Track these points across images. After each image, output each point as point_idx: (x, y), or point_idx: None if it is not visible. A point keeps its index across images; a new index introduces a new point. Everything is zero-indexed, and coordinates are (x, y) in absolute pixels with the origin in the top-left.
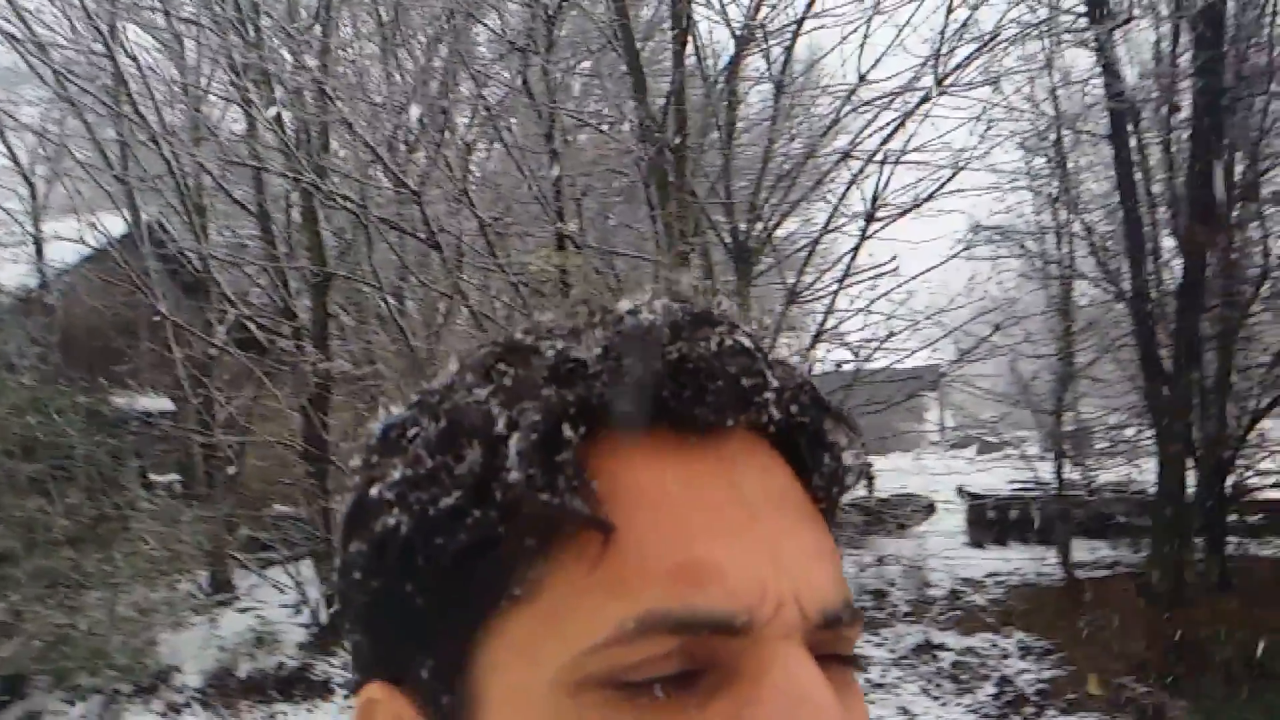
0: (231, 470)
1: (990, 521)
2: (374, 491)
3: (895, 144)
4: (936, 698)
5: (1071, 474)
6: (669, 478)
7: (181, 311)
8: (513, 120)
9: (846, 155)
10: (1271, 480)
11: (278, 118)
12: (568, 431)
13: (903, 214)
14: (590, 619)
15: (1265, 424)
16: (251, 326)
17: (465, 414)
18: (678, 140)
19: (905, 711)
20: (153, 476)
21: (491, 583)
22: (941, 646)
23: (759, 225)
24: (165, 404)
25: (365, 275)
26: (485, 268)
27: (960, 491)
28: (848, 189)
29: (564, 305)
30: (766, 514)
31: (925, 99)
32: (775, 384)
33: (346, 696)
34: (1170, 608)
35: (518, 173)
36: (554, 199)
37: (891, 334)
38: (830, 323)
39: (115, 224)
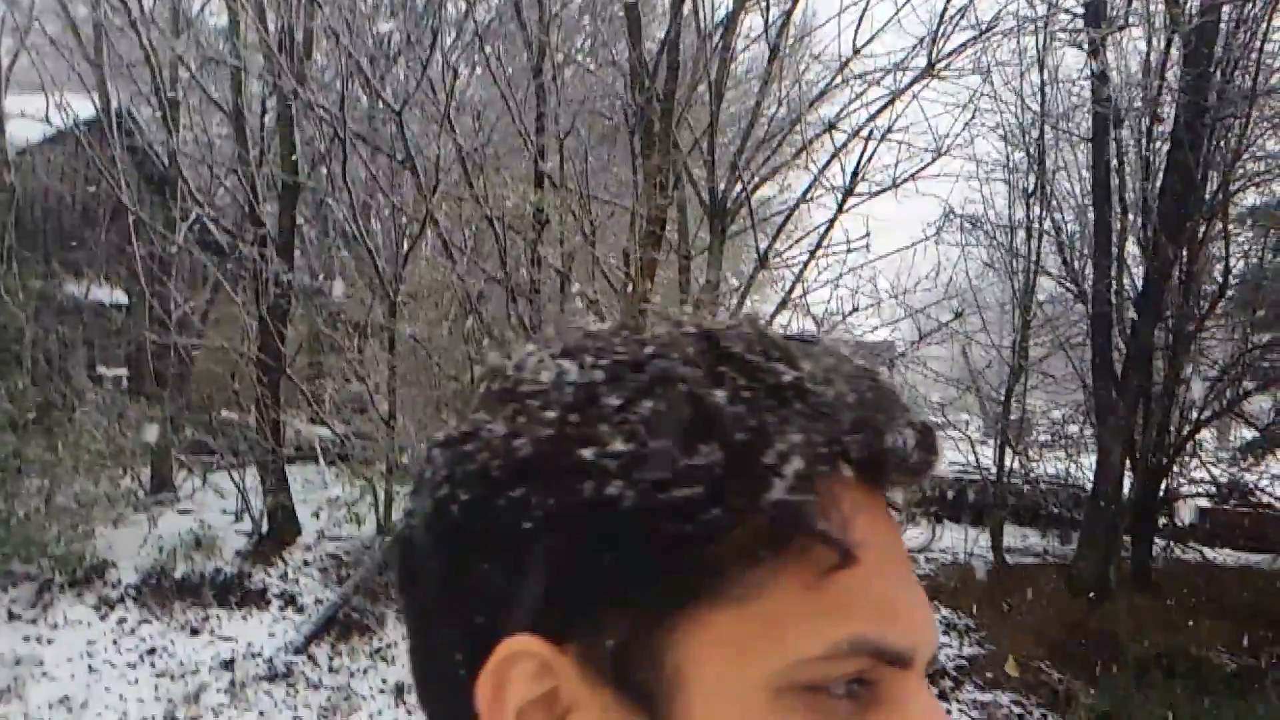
0: (180, 371)
1: (926, 500)
2: (587, 453)
3: (881, 121)
4: None
5: (1012, 462)
6: (875, 524)
7: (144, 205)
8: (501, 47)
9: (832, 126)
10: (1202, 488)
11: (261, 16)
12: (846, 471)
13: (881, 192)
14: (809, 634)
15: (1202, 434)
16: (214, 228)
17: (709, 409)
18: (667, 90)
19: None
20: (101, 369)
21: (707, 576)
22: None
23: (738, 186)
24: (119, 297)
25: (336, 190)
26: (460, 196)
27: None
28: (830, 160)
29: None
30: (909, 564)
31: (916, 80)
32: (935, 456)
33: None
34: (1092, 600)
35: (502, 103)
36: (536, 135)
37: (855, 309)
38: (797, 291)
39: (83, 107)
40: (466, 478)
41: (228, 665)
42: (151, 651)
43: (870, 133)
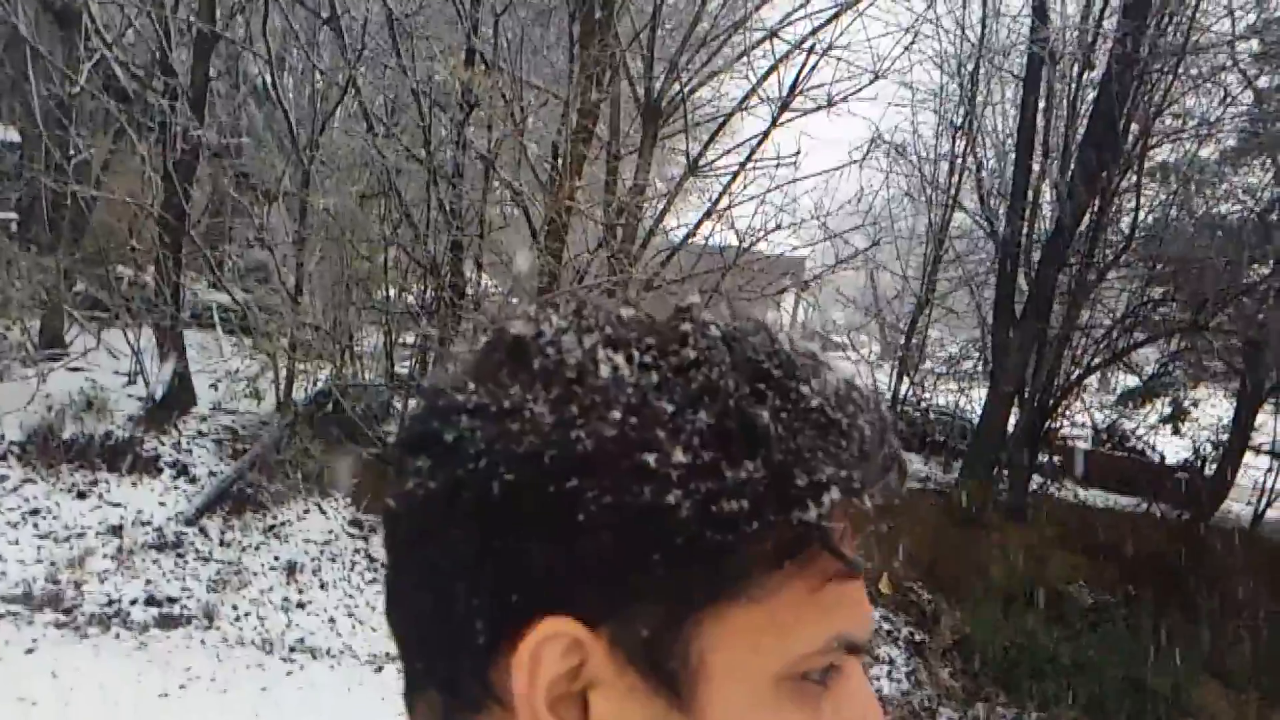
0: (76, 221)
1: None
2: (650, 459)
3: (823, 36)
4: None
5: (906, 390)
6: (852, 538)
7: (45, 39)
8: None
9: (774, 34)
10: (1082, 431)
11: None
12: (868, 500)
13: (817, 109)
14: (809, 632)
15: (1088, 381)
16: (121, 72)
17: (756, 428)
18: None
19: None
20: None
21: (735, 579)
22: None
23: (675, 86)
24: (13, 135)
25: (253, 43)
26: (384, 64)
27: None
28: (771, 70)
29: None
30: None
31: None
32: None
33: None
34: (968, 528)
35: None
36: (471, 6)
37: (779, 226)
38: (723, 203)
39: None
40: (513, 458)
41: (115, 531)
42: (35, 512)
43: (812, 46)
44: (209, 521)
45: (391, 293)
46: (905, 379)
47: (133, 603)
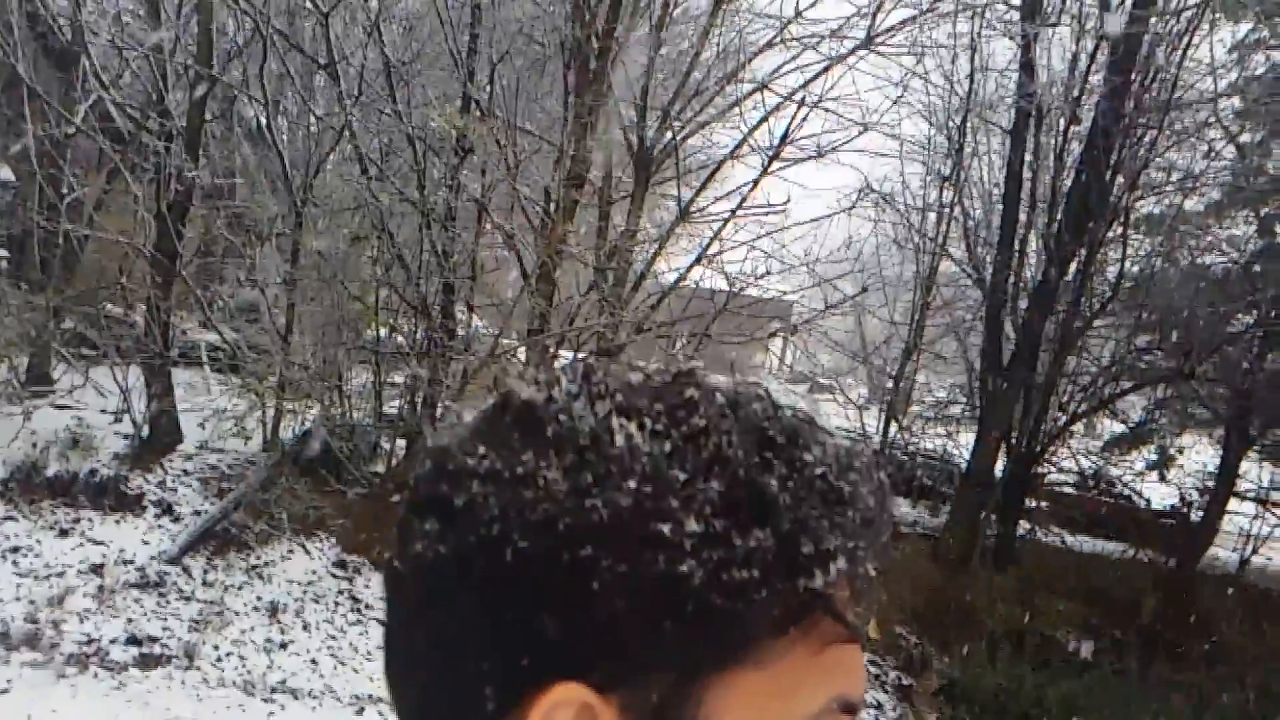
0: (67, 260)
1: None
2: (665, 529)
3: (814, 88)
4: None
5: (894, 433)
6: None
7: (42, 79)
8: None
9: (765, 86)
10: (1069, 477)
11: None
12: (870, 570)
13: (807, 159)
14: (811, 694)
15: (1075, 427)
16: (117, 113)
17: (765, 497)
18: (607, 27)
19: None
20: None
21: (744, 645)
22: None
23: (667, 134)
24: (7, 174)
25: (250, 88)
26: (381, 110)
27: None
28: (762, 120)
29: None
30: None
31: (853, 50)
32: None
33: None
34: (955, 572)
35: (435, 17)
36: (468, 56)
37: (768, 271)
38: (714, 248)
39: None
40: (527, 525)
41: (97, 570)
42: (15, 550)
43: (803, 98)
44: (192, 560)
45: (381, 333)
46: (893, 423)
47: (112, 642)
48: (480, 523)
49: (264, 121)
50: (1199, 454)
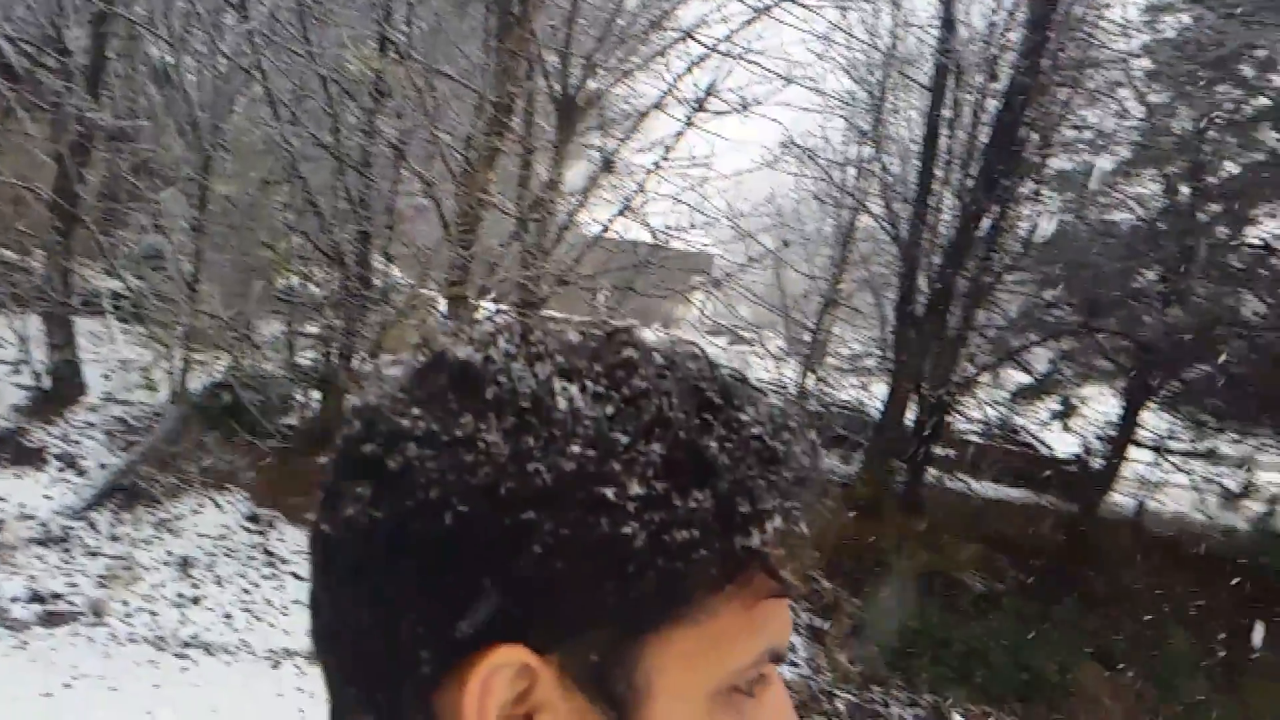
0: None
1: None
2: (609, 493)
3: (739, 40)
4: None
5: (809, 384)
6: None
7: None
8: None
9: (689, 35)
10: (976, 426)
11: None
12: (805, 528)
13: (731, 111)
14: (743, 648)
15: (985, 378)
16: (11, 49)
17: (704, 459)
18: None
19: None
20: None
21: (681, 604)
22: None
23: (591, 84)
24: None
25: (157, 25)
26: (292, 50)
27: None
28: (688, 70)
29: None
30: None
31: (778, 1)
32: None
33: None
34: (867, 518)
35: None
36: None
37: (692, 225)
38: (637, 201)
39: None
40: (466, 490)
41: None
42: None
43: (727, 50)
44: (98, 515)
45: (294, 282)
46: (810, 374)
47: (14, 600)
48: (418, 486)
49: (170, 60)
50: (1101, 404)
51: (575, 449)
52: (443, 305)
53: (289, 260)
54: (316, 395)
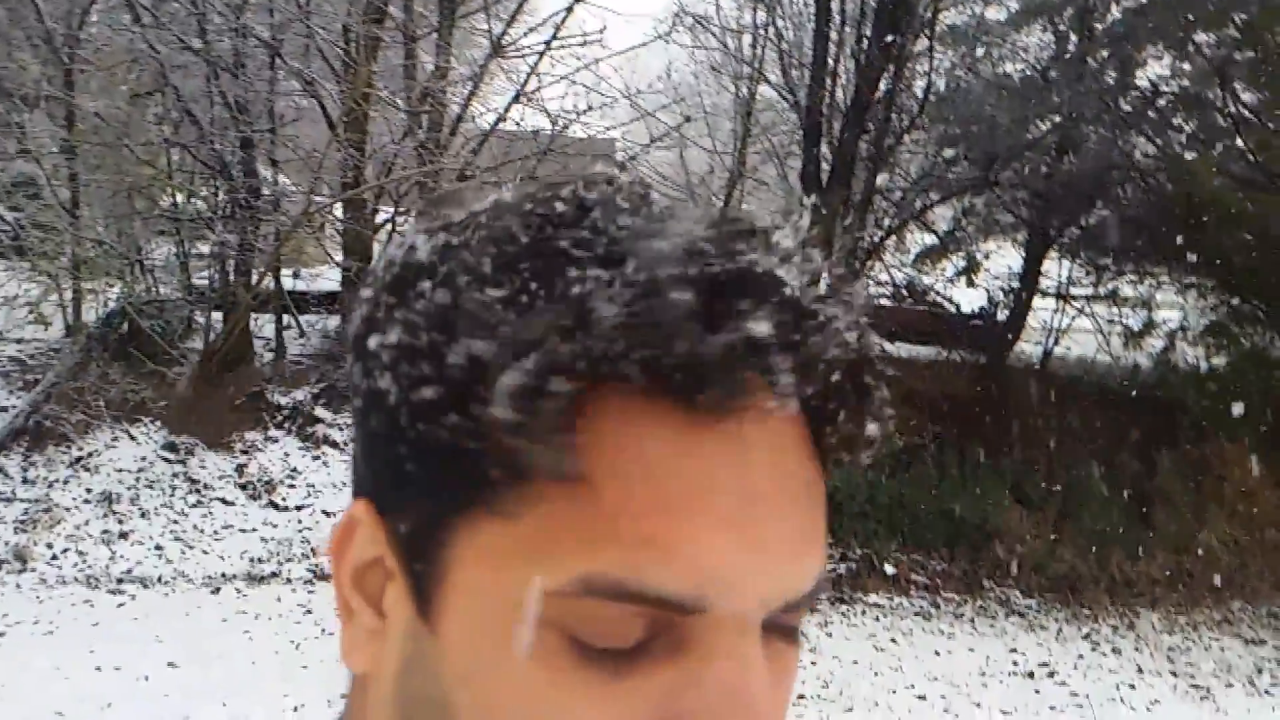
0: None
1: None
2: (372, 343)
3: None
4: None
5: None
6: (664, 448)
7: None
8: None
9: None
10: (885, 289)
11: None
12: (560, 385)
13: None
14: (557, 564)
15: (890, 240)
16: None
17: (467, 306)
18: None
19: None
20: None
21: (477, 485)
22: None
23: None
24: None
25: None
26: None
27: None
28: None
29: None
30: (762, 498)
31: None
32: (813, 354)
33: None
34: None
35: None
36: None
37: (589, 107)
38: (531, 84)
39: None
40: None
41: None
42: None
43: None
44: (7, 459)
45: (179, 199)
46: None
47: None
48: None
49: None
50: (1004, 257)
51: (368, 294)
52: (338, 210)
53: (171, 176)
54: (218, 316)
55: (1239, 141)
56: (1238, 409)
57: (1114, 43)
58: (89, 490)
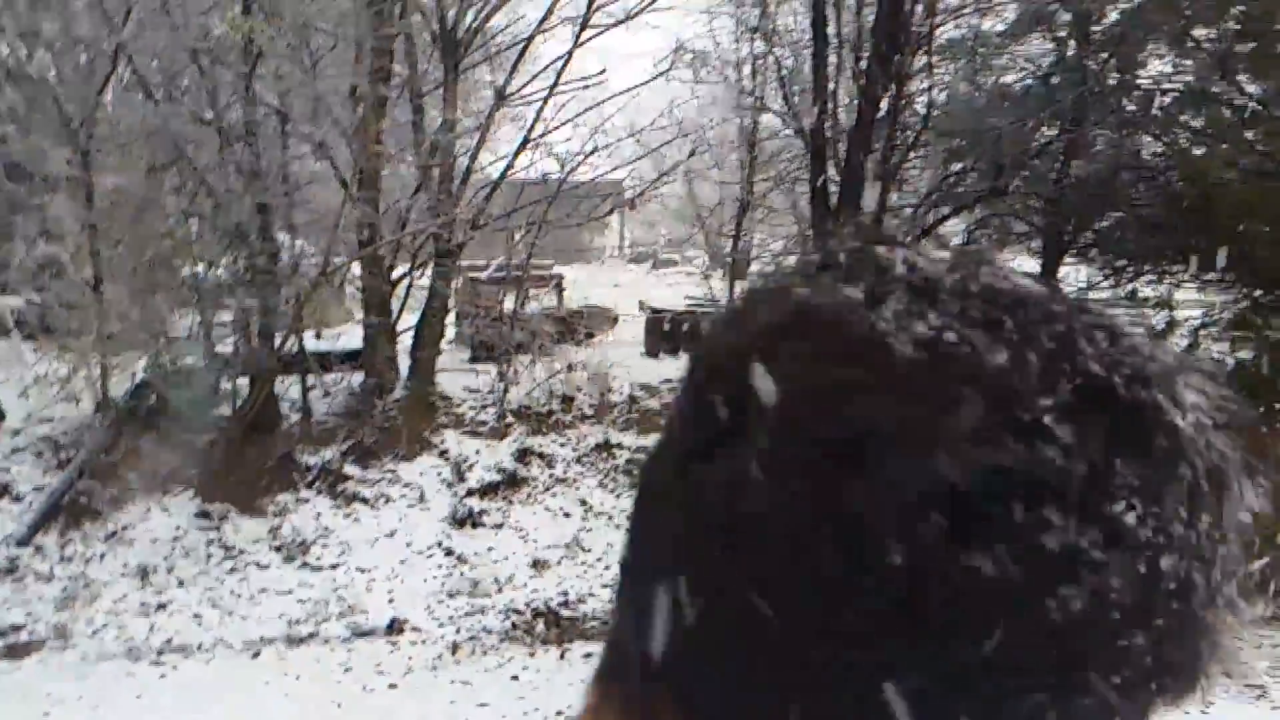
0: None
1: (666, 333)
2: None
3: None
4: (611, 490)
5: (739, 292)
6: None
7: None
8: None
9: None
10: None
11: None
12: None
13: (617, 24)
14: None
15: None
16: None
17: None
18: None
19: (584, 503)
20: None
21: None
22: (619, 445)
23: (470, 15)
24: None
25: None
26: (156, 26)
27: (641, 305)
28: None
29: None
30: None
31: None
32: None
33: None
34: None
35: None
36: None
37: (596, 148)
38: (538, 130)
39: None
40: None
41: None
42: None
43: None
44: (44, 539)
45: (200, 269)
46: (737, 283)
47: None
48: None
49: (23, 54)
50: (1021, 265)
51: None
52: (356, 269)
53: (190, 246)
54: (244, 381)
55: (1247, 133)
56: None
57: (1113, 44)
58: (125, 564)
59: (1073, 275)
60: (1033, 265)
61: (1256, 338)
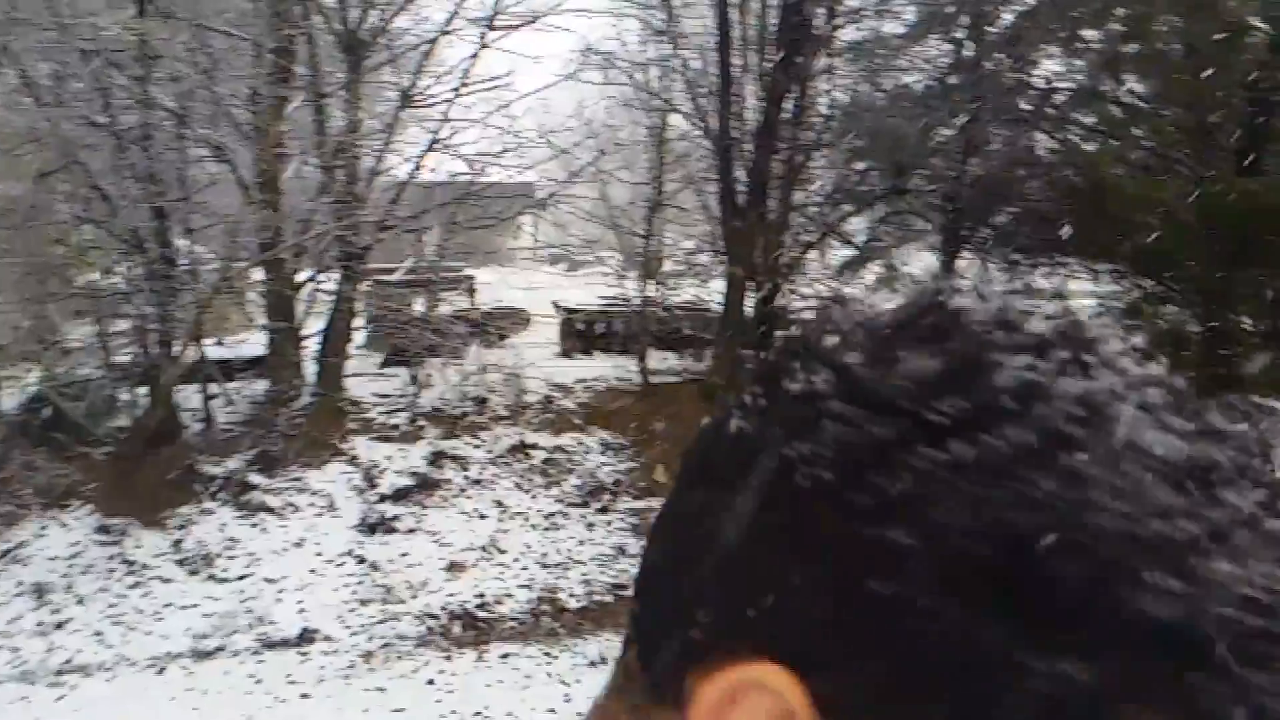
0: None
1: (580, 333)
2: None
3: None
4: (528, 490)
5: (651, 292)
6: None
7: None
8: None
9: None
10: (810, 302)
11: None
12: None
13: (523, 25)
14: None
15: (810, 255)
16: None
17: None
18: None
19: (500, 504)
20: None
21: None
22: (534, 446)
23: (372, 15)
24: None
25: None
26: (42, 25)
27: (555, 305)
28: None
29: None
30: None
31: None
32: None
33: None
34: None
35: None
36: None
37: (505, 149)
38: (444, 132)
39: None
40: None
41: None
42: None
43: None
44: None
45: (96, 276)
46: (650, 281)
47: None
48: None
49: None
50: (921, 261)
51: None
52: (259, 274)
53: (84, 253)
54: (143, 391)
55: (1134, 130)
56: None
57: (1008, 45)
58: (20, 583)
59: (971, 270)
60: (932, 261)
61: (1148, 326)
